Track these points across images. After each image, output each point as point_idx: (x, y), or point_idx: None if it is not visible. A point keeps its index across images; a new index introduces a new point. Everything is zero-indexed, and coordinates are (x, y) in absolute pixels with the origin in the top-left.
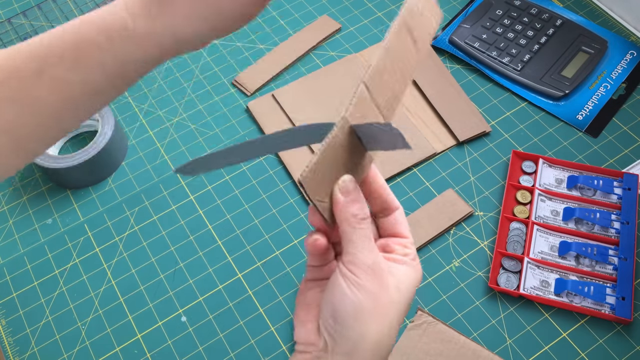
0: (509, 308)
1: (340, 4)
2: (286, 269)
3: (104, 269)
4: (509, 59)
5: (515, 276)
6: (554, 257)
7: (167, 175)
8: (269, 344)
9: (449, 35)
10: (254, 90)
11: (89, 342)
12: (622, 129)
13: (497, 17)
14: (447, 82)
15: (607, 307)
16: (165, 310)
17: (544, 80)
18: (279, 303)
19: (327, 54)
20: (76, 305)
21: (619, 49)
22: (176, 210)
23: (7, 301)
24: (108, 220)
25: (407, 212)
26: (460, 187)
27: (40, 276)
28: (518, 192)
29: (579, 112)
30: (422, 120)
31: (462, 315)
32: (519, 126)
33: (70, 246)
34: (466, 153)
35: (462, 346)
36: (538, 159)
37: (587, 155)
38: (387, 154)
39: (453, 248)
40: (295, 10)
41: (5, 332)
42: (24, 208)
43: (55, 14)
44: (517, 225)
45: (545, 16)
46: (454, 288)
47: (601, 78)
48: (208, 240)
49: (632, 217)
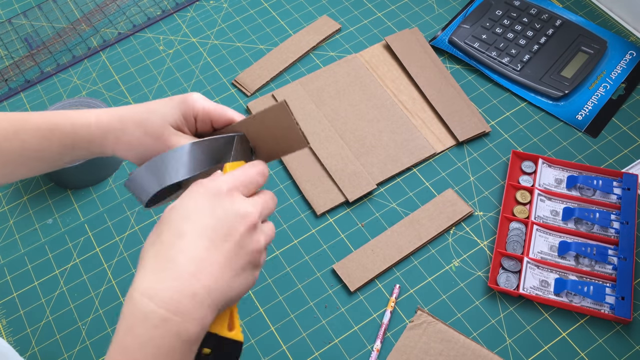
0: (508, 308)
1: (340, 4)
2: (286, 268)
3: (105, 268)
4: (508, 59)
5: (515, 276)
6: (554, 257)
7: None
8: (269, 344)
9: (449, 35)
10: (254, 90)
11: (90, 342)
12: (621, 129)
13: (497, 18)
14: (447, 82)
15: (606, 307)
16: None
17: (544, 81)
18: (279, 303)
19: (327, 54)
20: (76, 305)
21: (618, 49)
22: None
23: (7, 301)
24: (108, 220)
25: (407, 212)
26: (460, 187)
27: (40, 276)
28: (518, 192)
29: (579, 112)
30: (422, 120)
31: (462, 315)
32: (518, 126)
33: (70, 246)
34: (466, 153)
35: (462, 346)
36: (538, 159)
37: (586, 155)
38: (387, 154)
39: (453, 248)
40: (295, 10)
41: (6, 331)
42: (24, 208)
43: (55, 14)
44: (517, 225)
45: (544, 16)
46: (454, 288)
47: (601, 78)
48: None
49: (631, 217)
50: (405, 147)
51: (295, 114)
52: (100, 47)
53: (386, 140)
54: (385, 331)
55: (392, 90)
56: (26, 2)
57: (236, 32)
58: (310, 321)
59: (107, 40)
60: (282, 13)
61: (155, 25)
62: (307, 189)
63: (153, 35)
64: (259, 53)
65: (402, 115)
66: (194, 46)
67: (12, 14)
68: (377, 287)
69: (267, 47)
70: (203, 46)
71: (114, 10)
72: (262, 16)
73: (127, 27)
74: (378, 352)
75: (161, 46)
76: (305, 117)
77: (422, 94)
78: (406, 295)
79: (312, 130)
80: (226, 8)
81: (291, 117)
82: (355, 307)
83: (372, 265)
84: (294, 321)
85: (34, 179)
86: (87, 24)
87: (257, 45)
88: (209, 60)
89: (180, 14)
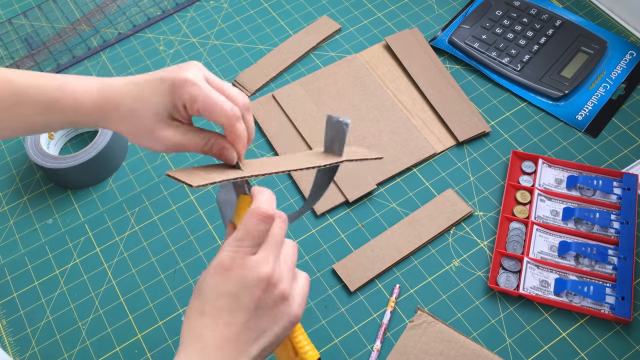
0: (508, 308)
1: (340, 5)
2: None
3: (105, 269)
4: (508, 59)
5: (515, 276)
6: (554, 257)
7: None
8: None
9: (449, 35)
10: (254, 90)
11: (90, 342)
12: (621, 129)
13: (497, 18)
14: (447, 82)
15: (606, 307)
16: (165, 310)
17: (544, 81)
18: None
19: (327, 55)
20: (77, 305)
21: (618, 49)
22: (176, 210)
23: (7, 301)
24: (108, 220)
25: (407, 212)
26: (460, 187)
27: (40, 276)
28: (518, 192)
29: (579, 112)
30: (422, 120)
31: (462, 315)
32: (518, 126)
33: (70, 246)
34: (466, 153)
35: (461, 346)
36: (538, 159)
37: (586, 155)
38: (387, 154)
39: (453, 248)
40: (295, 10)
41: (6, 331)
42: (24, 208)
43: (55, 14)
44: (517, 225)
45: (544, 17)
46: (454, 288)
47: (601, 78)
48: (208, 240)
49: (631, 217)
50: (405, 147)
51: (295, 114)
52: (101, 47)
53: (386, 140)
54: (385, 331)
55: (392, 91)
56: (26, 2)
57: (236, 32)
58: (310, 321)
59: (107, 40)
60: (282, 13)
61: (156, 25)
62: (307, 189)
63: (153, 35)
64: (259, 53)
65: (402, 115)
66: (194, 46)
67: (12, 14)
68: (377, 287)
69: (267, 47)
70: (203, 46)
71: (114, 10)
72: (262, 16)
73: (127, 27)
74: (378, 352)
75: (161, 46)
76: (305, 117)
77: (422, 94)
78: (406, 295)
79: (312, 130)
80: (226, 8)
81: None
82: (355, 307)
83: (372, 265)
84: None
85: (34, 179)
86: (87, 24)
87: (257, 45)
88: (209, 60)
89: (180, 14)
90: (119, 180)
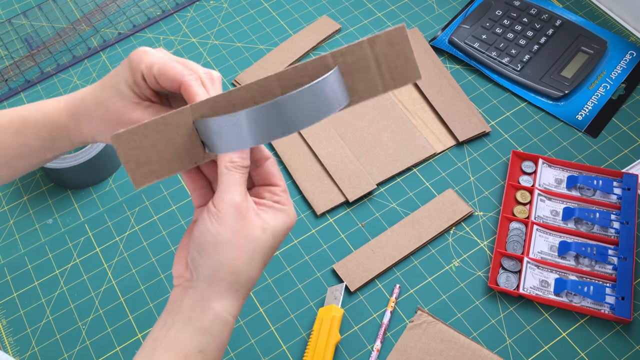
0: (508, 308)
1: (340, 5)
2: (286, 268)
3: (105, 269)
4: (508, 59)
5: (515, 276)
6: (554, 257)
7: None
8: (269, 344)
9: (449, 35)
10: None
11: (90, 342)
12: (621, 129)
13: (497, 18)
14: (447, 82)
15: (606, 307)
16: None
17: (544, 81)
18: (279, 303)
19: None
20: (77, 305)
21: (618, 49)
22: (176, 210)
23: (7, 301)
24: (108, 220)
25: (407, 212)
26: (460, 187)
27: (40, 276)
28: (518, 192)
29: (579, 112)
30: (422, 120)
31: (462, 315)
32: (518, 126)
33: (70, 246)
34: (466, 153)
35: (461, 346)
36: (538, 159)
37: (586, 155)
38: (387, 154)
39: (453, 248)
40: (295, 10)
41: (6, 331)
42: (24, 208)
43: (55, 14)
44: (517, 225)
45: (544, 16)
46: (454, 288)
47: (601, 78)
48: None
49: (631, 217)
50: (405, 147)
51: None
52: (101, 47)
53: (386, 140)
54: (385, 331)
55: (392, 90)
56: (26, 2)
57: (236, 32)
58: (311, 321)
59: (107, 40)
60: (282, 13)
61: (155, 25)
62: (307, 189)
63: (153, 35)
64: (259, 53)
65: (402, 115)
66: (194, 46)
67: (12, 14)
68: (377, 287)
69: (267, 47)
70: (203, 46)
71: (114, 10)
72: (262, 16)
73: (127, 27)
74: (378, 352)
75: (161, 46)
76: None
77: (422, 94)
78: (406, 295)
79: (311, 130)
80: (226, 8)
81: (409, 43)
82: (355, 307)
83: (372, 265)
84: (294, 321)
85: (34, 179)
86: (87, 24)
87: (257, 45)
88: (209, 60)
89: (180, 14)
90: (119, 180)
